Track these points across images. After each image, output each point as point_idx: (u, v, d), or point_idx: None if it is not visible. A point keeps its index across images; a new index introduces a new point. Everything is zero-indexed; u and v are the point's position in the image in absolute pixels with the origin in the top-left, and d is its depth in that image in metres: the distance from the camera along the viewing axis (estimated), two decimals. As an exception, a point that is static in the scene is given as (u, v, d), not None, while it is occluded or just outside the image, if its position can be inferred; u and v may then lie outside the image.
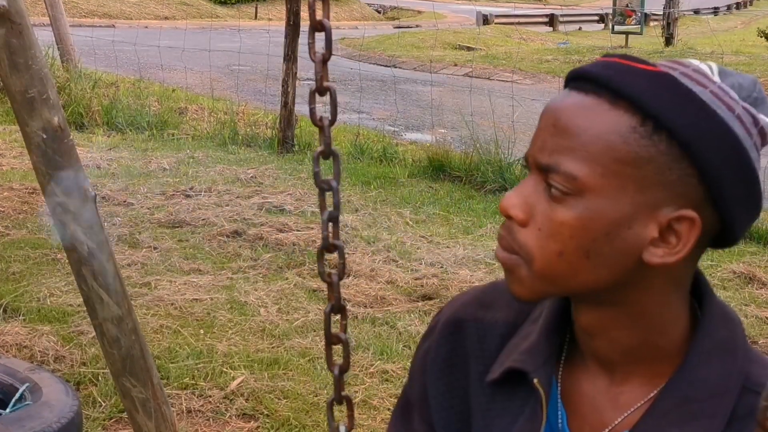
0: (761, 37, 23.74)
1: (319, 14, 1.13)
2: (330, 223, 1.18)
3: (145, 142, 9.80)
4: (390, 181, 8.28)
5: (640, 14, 21.60)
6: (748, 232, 6.81)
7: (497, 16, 29.69)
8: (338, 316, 1.22)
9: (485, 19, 28.63)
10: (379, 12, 37.87)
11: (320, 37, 1.14)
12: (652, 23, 28.78)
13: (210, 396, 4.15)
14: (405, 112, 12.60)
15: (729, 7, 49.40)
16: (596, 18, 35.21)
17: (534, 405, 1.20)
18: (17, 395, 3.13)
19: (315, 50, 1.12)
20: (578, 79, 1.11)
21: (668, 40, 22.52)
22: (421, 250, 6.29)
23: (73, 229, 3.35)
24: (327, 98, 1.15)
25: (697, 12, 42.52)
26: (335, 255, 1.21)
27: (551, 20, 32.76)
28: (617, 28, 22.18)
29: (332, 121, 1.16)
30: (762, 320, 5.23)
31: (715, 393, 1.11)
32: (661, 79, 1.06)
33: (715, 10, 46.86)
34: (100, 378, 4.21)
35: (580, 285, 1.11)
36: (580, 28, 33.04)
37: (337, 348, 1.23)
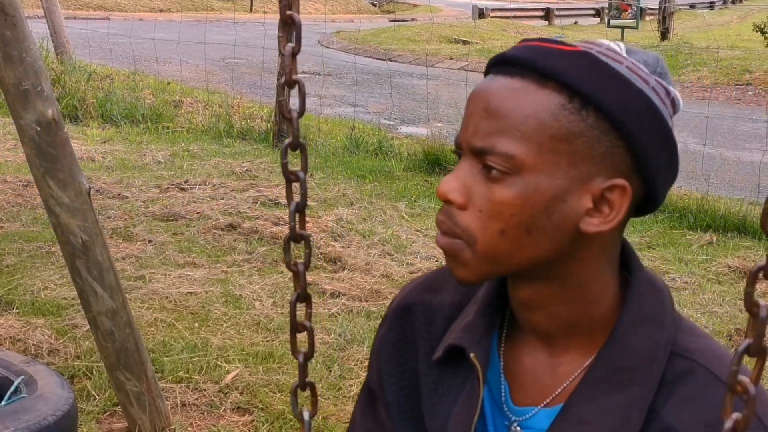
0: (757, 31, 23.71)
1: (290, 7, 1.16)
2: (297, 214, 1.21)
3: (139, 135, 9.78)
4: (385, 175, 8.27)
5: (636, 8, 21.58)
6: (743, 227, 6.82)
7: (493, 10, 29.66)
8: (304, 305, 1.26)
9: (481, 13, 28.60)
10: (374, 5, 37.83)
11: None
12: (648, 17, 28.77)
13: (204, 389, 4.14)
14: (400, 106, 12.60)
15: (725, 2, 49.42)
16: (592, 12, 35.18)
17: (473, 381, 1.25)
18: (12, 388, 3.12)
19: (285, 43, 1.16)
20: (502, 64, 1.15)
21: (664, 35, 22.52)
22: (417, 244, 6.29)
23: (67, 222, 3.35)
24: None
25: (692, 6, 42.55)
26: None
27: (547, 14, 32.72)
28: (613, 22, 22.15)
29: (300, 114, 1.18)
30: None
31: (644, 361, 1.16)
32: (582, 58, 1.11)
33: (711, 5, 46.87)
34: (94, 371, 4.20)
35: (523, 261, 1.14)
36: (576, 22, 33.01)
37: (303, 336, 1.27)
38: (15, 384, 3.11)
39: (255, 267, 5.75)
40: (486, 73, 1.18)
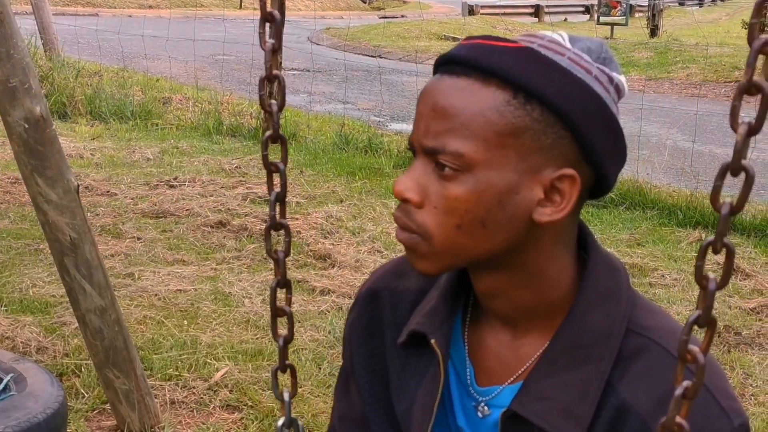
0: (745, 28, 23.71)
1: (269, 4, 1.20)
2: (277, 203, 1.26)
3: (128, 131, 9.76)
4: (375, 172, 8.26)
5: (625, 5, 21.63)
6: (731, 224, 6.83)
7: (482, 7, 29.65)
8: (284, 291, 1.32)
9: (471, 10, 28.60)
10: (364, 2, 37.81)
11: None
12: (637, 14, 28.84)
13: (194, 387, 4.13)
14: (390, 103, 12.60)
15: (713, -1, 49.54)
16: (582, 9, 35.21)
17: (435, 365, 1.30)
18: (1, 385, 3.10)
19: (266, 40, 1.20)
20: (447, 64, 1.19)
21: (653, 32, 22.57)
22: (406, 241, 6.28)
23: (56, 220, 3.33)
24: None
25: (682, 3, 42.66)
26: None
27: (537, 11, 32.74)
28: (602, 19, 22.21)
29: (280, 107, 1.23)
30: (746, 311, 5.24)
31: (600, 338, 1.20)
32: (523, 54, 1.15)
33: (700, 2, 47.00)
34: (83, 369, 4.18)
35: (480, 253, 1.18)
36: (565, 19, 33.04)
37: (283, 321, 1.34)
38: (4, 381, 3.10)
39: (244, 264, 5.74)
40: (434, 73, 1.22)
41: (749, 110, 0.84)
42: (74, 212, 3.36)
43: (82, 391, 4.03)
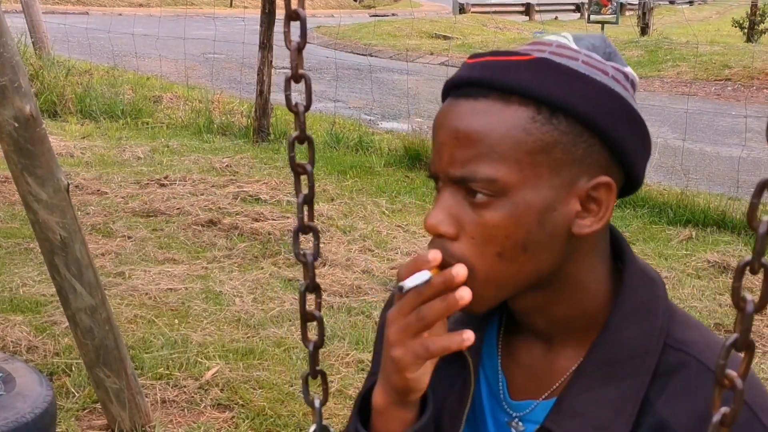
0: (736, 27, 23.85)
1: (294, 2, 1.14)
2: (305, 206, 1.22)
3: (119, 130, 9.74)
4: (366, 171, 8.26)
5: (615, 4, 21.64)
6: (722, 222, 6.85)
7: (473, 5, 29.68)
8: (313, 295, 1.27)
9: (461, 8, 28.62)
10: (355, 0, 37.78)
11: (296, 24, 1.14)
12: (627, 13, 28.89)
13: (185, 386, 4.13)
14: (381, 101, 12.59)
15: (704, -2, 49.63)
16: (572, 7, 35.27)
17: (466, 374, 1.27)
18: (-11, 386, 3.09)
19: (290, 39, 1.14)
20: (459, 86, 1.14)
21: (644, 30, 22.59)
22: (397, 240, 6.29)
23: (46, 219, 3.32)
24: (302, 86, 1.16)
25: (672, 2, 42.74)
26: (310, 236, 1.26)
27: (527, 9, 32.78)
28: (593, 17, 22.18)
29: (307, 107, 1.18)
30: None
31: (636, 353, 1.16)
32: (539, 66, 1.11)
33: (691, 0, 47.09)
34: (73, 368, 4.18)
35: (524, 278, 1.14)
36: (556, 18, 33.08)
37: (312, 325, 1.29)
38: (-7, 382, 3.09)
39: (235, 263, 5.74)
40: (444, 96, 1.17)
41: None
42: (64, 211, 3.35)
43: (73, 390, 4.02)
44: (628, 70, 1.16)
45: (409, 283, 1.10)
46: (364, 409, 1.29)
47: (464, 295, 1.09)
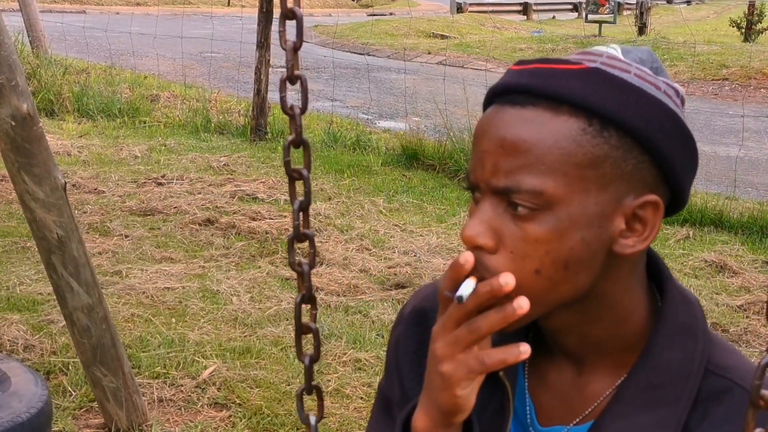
0: (733, 26, 23.87)
1: (290, 1, 1.11)
2: (301, 213, 1.16)
3: (116, 129, 9.73)
4: (363, 170, 8.26)
5: (613, 3, 21.65)
6: (719, 222, 6.86)
7: (471, 5, 29.68)
8: (309, 306, 1.20)
9: (459, 8, 28.61)
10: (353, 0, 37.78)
11: (291, 24, 1.13)
12: (625, 12, 28.89)
13: (182, 385, 4.13)
14: (379, 100, 12.59)
15: (701, -3, 49.65)
16: (570, 7, 35.29)
17: (501, 398, 1.20)
18: (-15, 385, 3.09)
19: (286, 38, 1.10)
20: (506, 93, 1.10)
21: (641, 30, 22.60)
22: (395, 239, 6.28)
23: (43, 218, 3.32)
24: (298, 86, 1.12)
25: (669, 1, 42.74)
26: (306, 244, 1.20)
27: (525, 9, 32.78)
28: (590, 17, 22.21)
29: (303, 110, 1.13)
30: (733, 309, 5.26)
31: (677, 377, 1.12)
32: (592, 76, 1.06)
33: (688, 0, 47.11)
34: (70, 367, 4.17)
35: (560, 298, 1.09)
36: (553, 17, 33.10)
37: (308, 338, 1.22)
38: (-11, 381, 3.09)
39: (232, 262, 5.74)
40: (487, 103, 1.13)
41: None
42: (61, 210, 3.35)
43: (70, 389, 4.02)
44: (678, 86, 1.12)
45: (464, 291, 1.04)
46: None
47: (522, 304, 1.03)
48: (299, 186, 1.16)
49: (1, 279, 5.21)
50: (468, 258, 1.06)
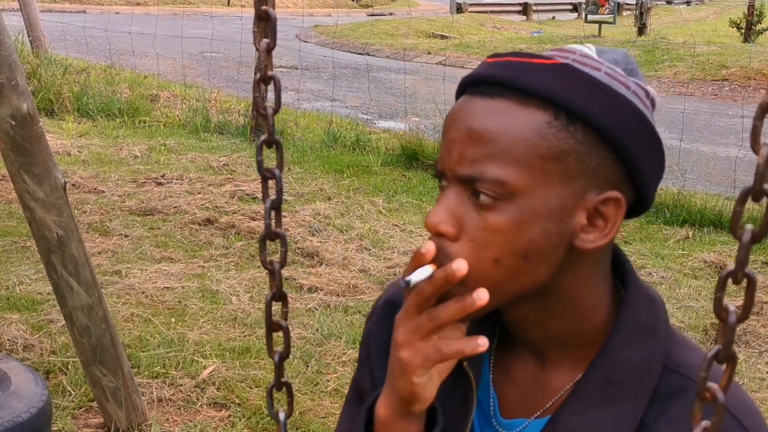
0: (733, 27, 23.89)
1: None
2: (273, 212, 1.19)
3: (116, 129, 9.73)
4: (363, 170, 8.26)
5: (613, 3, 21.67)
6: (719, 222, 6.86)
7: (471, 5, 29.68)
8: (280, 304, 1.23)
9: (459, 8, 28.61)
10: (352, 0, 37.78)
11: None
12: (625, 13, 28.91)
13: (181, 385, 4.13)
14: (378, 100, 12.59)
15: (701, -2, 49.69)
16: (570, 7, 35.29)
17: (465, 389, 1.22)
18: (-15, 385, 3.09)
19: (260, 39, 1.13)
20: (477, 84, 1.12)
21: (641, 30, 22.62)
22: (394, 239, 6.29)
23: (43, 217, 3.32)
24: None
25: (669, 2, 42.78)
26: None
27: (525, 9, 32.78)
28: (590, 17, 22.24)
29: (276, 110, 1.15)
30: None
31: (636, 374, 1.13)
32: (562, 71, 1.08)
33: (688, 0, 47.13)
34: (69, 367, 4.17)
35: (518, 289, 1.10)
36: (553, 17, 33.11)
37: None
38: (-12, 381, 3.09)
39: (232, 262, 5.74)
40: (459, 93, 1.15)
41: (749, 109, 0.84)
42: (61, 209, 3.35)
43: (69, 388, 4.02)
44: (650, 88, 1.13)
45: (414, 277, 1.07)
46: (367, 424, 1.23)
47: (482, 296, 1.05)
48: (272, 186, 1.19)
49: (1, 278, 5.22)
50: (429, 248, 1.08)
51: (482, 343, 1.08)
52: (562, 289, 1.13)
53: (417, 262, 1.09)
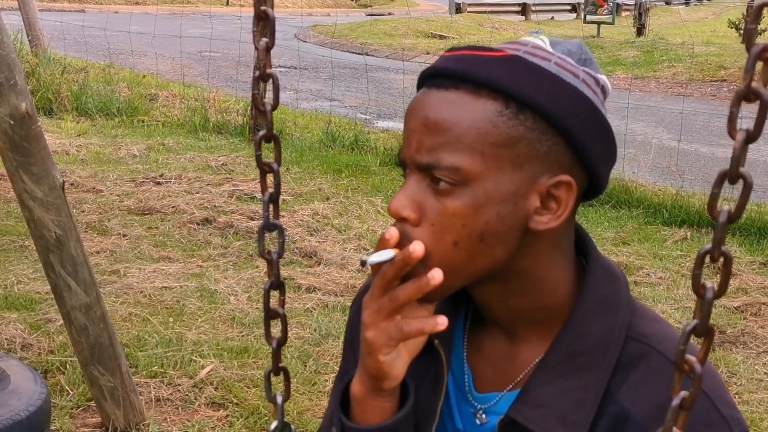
0: (731, 27, 23.90)
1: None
2: (271, 204, 1.24)
3: (114, 128, 9.73)
4: (361, 170, 8.26)
5: (612, 4, 21.67)
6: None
7: (470, 5, 29.67)
8: (277, 292, 1.28)
9: (458, 8, 28.61)
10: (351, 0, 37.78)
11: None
12: (624, 13, 28.89)
13: (179, 384, 4.13)
14: (377, 100, 12.59)
15: (700, -2, 49.71)
16: (569, 7, 35.25)
17: (438, 367, 1.29)
18: (-17, 383, 3.09)
19: (259, 38, 1.18)
20: (433, 77, 1.18)
21: (640, 30, 22.62)
22: (393, 239, 6.28)
23: (41, 216, 3.32)
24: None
25: (668, 2, 42.79)
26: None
27: (524, 9, 32.77)
28: (589, 17, 22.23)
29: (274, 107, 1.21)
30: (730, 310, 5.26)
31: (599, 345, 1.19)
32: (511, 62, 1.14)
33: (687, 1, 47.15)
34: (68, 366, 4.17)
35: (478, 269, 1.17)
36: (552, 18, 33.09)
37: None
38: (-13, 379, 3.09)
39: (230, 261, 5.74)
40: (419, 86, 1.21)
41: (747, 110, 0.84)
42: (60, 209, 3.35)
43: (67, 388, 4.02)
44: (601, 76, 1.19)
45: (372, 258, 1.14)
46: (345, 404, 1.30)
47: (436, 275, 1.13)
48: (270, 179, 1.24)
49: (-1, 278, 5.22)
50: (392, 233, 1.16)
51: (441, 321, 1.16)
52: (523, 268, 1.19)
53: (381, 246, 1.16)
